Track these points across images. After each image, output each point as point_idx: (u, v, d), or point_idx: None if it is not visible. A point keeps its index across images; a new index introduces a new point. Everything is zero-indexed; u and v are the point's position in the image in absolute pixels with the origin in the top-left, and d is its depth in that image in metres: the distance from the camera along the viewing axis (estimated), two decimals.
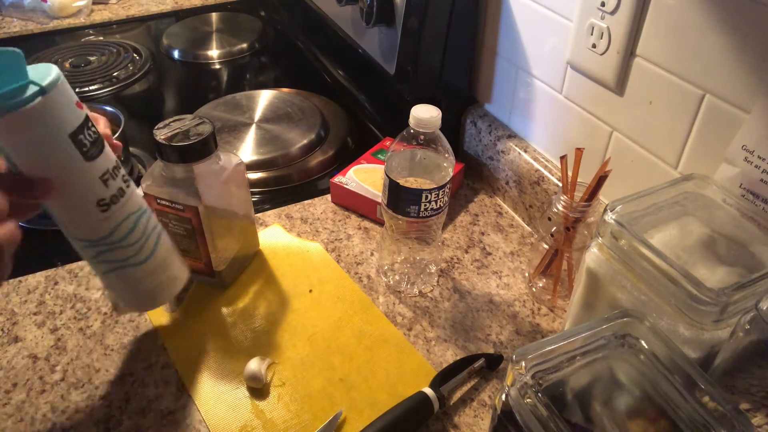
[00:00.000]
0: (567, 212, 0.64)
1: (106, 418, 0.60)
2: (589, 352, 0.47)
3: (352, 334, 0.68)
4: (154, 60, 1.25)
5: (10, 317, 0.69)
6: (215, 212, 0.66)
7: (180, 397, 0.62)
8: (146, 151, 0.97)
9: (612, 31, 0.63)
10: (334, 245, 0.80)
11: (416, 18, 0.81)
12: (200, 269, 0.70)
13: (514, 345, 0.68)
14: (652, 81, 0.62)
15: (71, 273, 0.75)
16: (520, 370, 0.44)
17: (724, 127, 0.56)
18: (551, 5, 0.72)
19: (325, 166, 0.95)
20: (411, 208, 0.66)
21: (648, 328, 0.47)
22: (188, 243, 0.68)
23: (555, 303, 0.72)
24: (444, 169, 0.65)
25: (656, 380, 0.45)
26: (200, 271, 0.70)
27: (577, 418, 0.44)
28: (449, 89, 0.89)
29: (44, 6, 1.36)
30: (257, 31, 1.34)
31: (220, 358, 0.65)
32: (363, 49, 0.97)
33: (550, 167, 0.79)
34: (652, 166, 0.65)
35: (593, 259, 0.55)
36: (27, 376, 0.63)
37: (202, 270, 0.70)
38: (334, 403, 0.61)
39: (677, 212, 0.55)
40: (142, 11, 1.43)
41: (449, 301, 0.73)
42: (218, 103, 1.05)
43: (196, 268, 0.70)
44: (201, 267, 0.70)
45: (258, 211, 0.85)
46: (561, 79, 0.74)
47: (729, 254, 0.51)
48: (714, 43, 0.55)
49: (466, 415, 0.61)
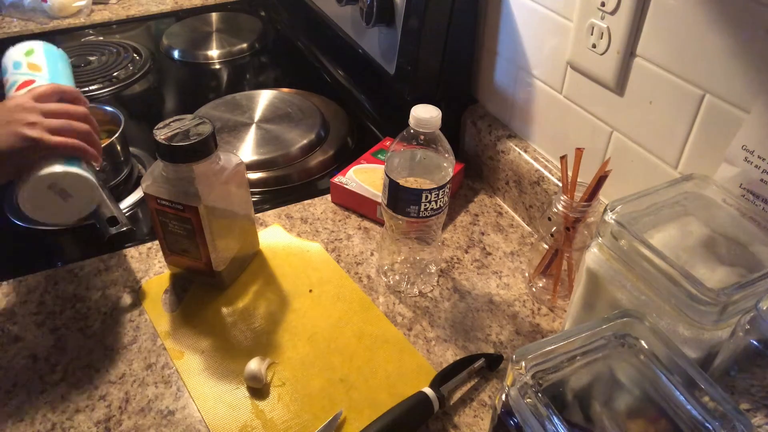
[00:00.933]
0: (567, 212, 0.64)
1: (106, 418, 0.60)
2: (589, 352, 0.46)
3: (352, 334, 0.68)
4: (154, 60, 1.25)
5: (10, 317, 0.69)
6: (215, 212, 0.66)
7: (180, 397, 0.62)
8: (146, 151, 0.97)
9: (612, 31, 0.63)
10: (334, 245, 0.80)
11: (416, 18, 0.81)
12: (200, 269, 0.70)
13: (514, 345, 0.68)
14: (652, 81, 0.62)
15: (71, 273, 0.75)
16: (520, 370, 0.44)
17: (724, 127, 0.56)
18: (551, 5, 0.72)
19: (325, 166, 0.95)
20: (411, 208, 0.66)
21: (648, 328, 0.47)
22: (188, 243, 0.68)
23: (555, 303, 0.72)
24: (444, 169, 0.65)
25: (656, 380, 0.45)
26: (200, 271, 0.70)
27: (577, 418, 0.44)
28: (449, 89, 0.89)
29: (44, 6, 1.36)
30: (257, 31, 1.34)
31: (220, 358, 0.65)
32: (363, 49, 0.97)
33: (550, 167, 0.79)
34: (652, 166, 0.65)
35: (593, 259, 0.55)
36: (27, 376, 0.63)
37: (202, 270, 0.70)
38: (334, 403, 0.61)
39: (677, 212, 0.55)
40: (142, 11, 1.43)
41: (449, 301, 0.73)
42: (218, 103, 1.05)
43: (196, 268, 0.70)
44: (201, 267, 0.70)
45: (258, 211, 0.85)
46: (561, 79, 0.74)
47: (729, 254, 0.51)
48: (714, 43, 0.55)
49: (466, 415, 0.61)
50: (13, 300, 0.71)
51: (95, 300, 0.71)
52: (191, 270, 0.72)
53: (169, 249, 0.71)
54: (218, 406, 0.61)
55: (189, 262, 0.70)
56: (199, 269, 0.70)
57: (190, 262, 0.70)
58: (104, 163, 0.84)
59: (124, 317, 0.69)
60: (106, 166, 0.85)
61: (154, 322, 0.69)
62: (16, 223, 0.83)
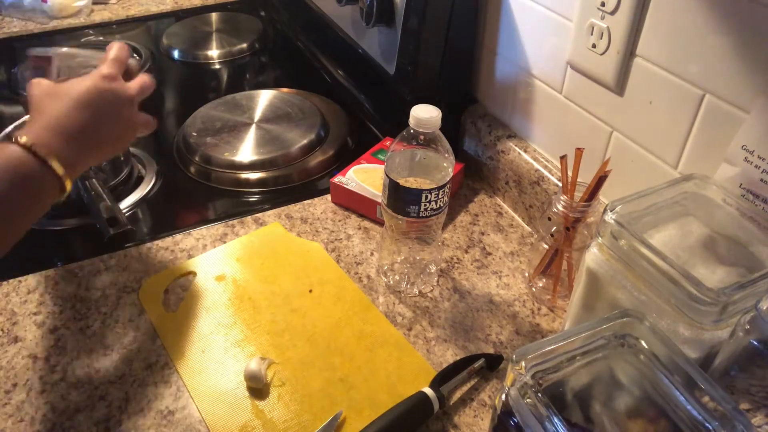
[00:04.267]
0: (567, 212, 0.64)
1: (106, 418, 0.60)
2: (589, 352, 0.47)
3: (352, 334, 0.68)
4: (154, 60, 1.25)
5: (10, 317, 0.69)
6: None
7: (180, 397, 0.62)
8: (146, 151, 0.97)
9: (612, 31, 0.63)
10: (334, 245, 0.80)
11: (416, 18, 0.81)
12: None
13: (514, 345, 0.68)
14: (652, 81, 0.62)
15: (71, 273, 0.75)
16: (520, 370, 0.44)
17: (724, 127, 0.56)
18: (551, 5, 0.72)
19: (325, 166, 0.95)
20: (411, 208, 0.66)
21: (648, 328, 0.47)
22: None
23: (555, 303, 0.72)
24: (444, 169, 0.65)
25: (656, 380, 0.45)
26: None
27: (577, 418, 0.44)
28: (449, 89, 0.89)
29: (44, 6, 1.36)
30: (257, 31, 1.34)
31: (220, 358, 0.65)
32: (363, 49, 0.97)
33: (550, 167, 0.79)
34: (652, 166, 0.65)
35: (593, 259, 0.55)
36: (27, 376, 0.63)
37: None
38: (334, 403, 0.61)
39: (677, 212, 0.55)
40: (142, 11, 1.43)
41: (449, 301, 0.73)
42: (218, 103, 1.05)
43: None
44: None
45: (258, 211, 0.85)
46: (561, 79, 0.74)
47: (729, 254, 0.51)
48: (714, 43, 0.55)
49: (466, 415, 0.61)
50: (13, 300, 0.71)
51: (95, 300, 0.71)
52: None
53: None
54: (218, 406, 0.61)
55: None
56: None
57: None
58: (104, 163, 0.84)
59: (124, 317, 0.69)
60: (107, 166, 0.85)
61: (154, 322, 0.69)
62: None
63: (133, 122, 0.67)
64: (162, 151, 0.98)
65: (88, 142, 0.61)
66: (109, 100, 0.63)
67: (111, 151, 0.68)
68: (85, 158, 0.61)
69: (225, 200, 0.90)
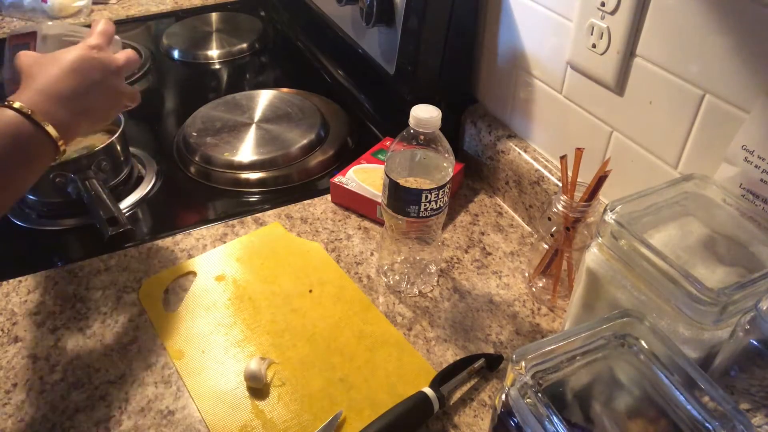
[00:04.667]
0: (567, 212, 0.64)
1: (106, 418, 0.60)
2: (589, 352, 0.46)
3: (352, 334, 0.68)
4: (154, 60, 1.25)
5: (10, 317, 0.69)
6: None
7: (180, 397, 0.62)
8: (146, 151, 0.97)
9: (612, 31, 0.63)
10: (334, 245, 0.80)
11: (416, 18, 0.81)
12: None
13: (514, 345, 0.68)
14: (652, 81, 0.62)
15: (71, 273, 0.75)
16: (520, 370, 0.44)
17: (724, 127, 0.56)
18: (551, 5, 0.72)
19: (325, 166, 0.95)
20: (411, 208, 0.66)
21: (648, 328, 0.47)
22: None
23: (555, 303, 0.72)
24: (444, 169, 0.65)
25: (656, 380, 0.45)
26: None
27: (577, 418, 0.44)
28: (449, 89, 0.89)
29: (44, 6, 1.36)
30: (257, 31, 1.34)
31: (220, 358, 0.65)
32: (363, 49, 0.97)
33: (550, 167, 0.79)
34: (652, 166, 0.65)
35: (593, 259, 0.55)
36: (27, 376, 0.63)
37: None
38: (334, 403, 0.61)
39: (677, 212, 0.55)
40: (142, 11, 1.43)
41: (449, 301, 0.73)
42: (218, 103, 1.05)
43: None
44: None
45: (258, 211, 0.85)
46: (561, 79, 0.74)
47: (729, 254, 0.51)
48: (714, 43, 0.55)
49: (466, 415, 0.61)
50: (13, 300, 0.71)
51: (95, 300, 0.71)
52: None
53: None
54: (218, 406, 0.61)
55: None
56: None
57: None
58: (104, 163, 0.84)
59: (124, 317, 0.69)
60: (107, 166, 0.85)
61: (154, 322, 0.69)
62: (16, 223, 0.83)
63: (120, 92, 0.69)
64: (162, 151, 0.98)
65: (78, 106, 0.63)
66: (97, 68, 0.65)
67: (100, 119, 0.69)
68: (76, 123, 0.63)
69: (225, 200, 0.90)
